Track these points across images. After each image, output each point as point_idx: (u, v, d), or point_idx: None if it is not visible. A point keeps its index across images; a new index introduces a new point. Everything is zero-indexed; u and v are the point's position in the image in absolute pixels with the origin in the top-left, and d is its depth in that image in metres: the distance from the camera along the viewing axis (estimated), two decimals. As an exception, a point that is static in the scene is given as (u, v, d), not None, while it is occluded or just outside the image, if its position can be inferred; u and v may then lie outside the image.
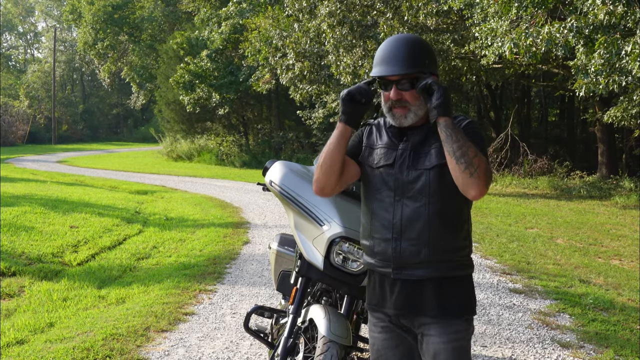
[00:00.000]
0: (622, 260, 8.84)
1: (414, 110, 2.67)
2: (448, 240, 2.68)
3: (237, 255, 8.96)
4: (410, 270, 2.69)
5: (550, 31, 9.33)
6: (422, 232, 2.65)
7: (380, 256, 2.76)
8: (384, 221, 2.74)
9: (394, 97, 2.66)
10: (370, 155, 2.84)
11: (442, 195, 2.66)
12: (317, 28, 17.05)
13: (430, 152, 2.67)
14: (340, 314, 3.50)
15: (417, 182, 2.67)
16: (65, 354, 4.82)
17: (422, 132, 2.73)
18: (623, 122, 13.45)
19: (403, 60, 2.63)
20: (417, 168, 2.68)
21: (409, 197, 2.68)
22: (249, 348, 5.15)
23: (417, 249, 2.66)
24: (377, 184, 2.77)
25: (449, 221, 2.69)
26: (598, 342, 5.38)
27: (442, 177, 2.64)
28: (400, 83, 2.65)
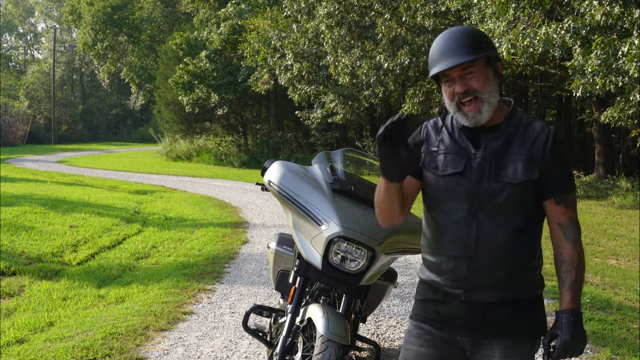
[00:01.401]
0: (619, 259, 8.87)
1: (486, 98, 2.40)
2: (525, 259, 2.47)
3: (235, 254, 8.98)
4: (484, 292, 2.45)
5: (548, 32, 9.35)
6: (500, 251, 2.40)
7: (449, 275, 2.50)
8: (456, 237, 2.46)
9: (461, 89, 2.39)
10: (432, 161, 2.55)
11: (525, 212, 2.43)
12: (315, 29, 17.08)
13: (516, 164, 2.40)
14: (338, 313, 3.50)
15: (498, 196, 2.40)
16: (65, 353, 4.84)
17: (501, 136, 2.46)
18: (620, 122, 13.45)
19: (463, 47, 2.39)
20: (499, 180, 2.40)
21: (487, 212, 2.41)
22: (247, 347, 5.17)
23: (493, 269, 2.42)
24: (444, 194, 2.49)
25: (527, 239, 2.46)
26: (595, 342, 5.40)
27: (527, 194, 2.41)
28: (464, 75, 2.39)
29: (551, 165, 2.41)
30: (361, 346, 4.60)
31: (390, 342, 5.39)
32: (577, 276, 2.41)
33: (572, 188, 2.47)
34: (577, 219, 2.48)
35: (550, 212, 2.46)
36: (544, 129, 2.45)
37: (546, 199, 2.44)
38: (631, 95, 10.10)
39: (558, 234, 2.46)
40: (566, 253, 2.43)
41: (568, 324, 2.36)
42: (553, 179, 2.42)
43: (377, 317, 6.03)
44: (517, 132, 2.45)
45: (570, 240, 2.44)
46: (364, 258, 3.44)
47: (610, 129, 17.96)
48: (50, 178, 21.19)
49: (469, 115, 2.41)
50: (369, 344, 4.21)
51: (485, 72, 2.42)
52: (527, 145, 2.42)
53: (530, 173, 2.38)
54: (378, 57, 14.90)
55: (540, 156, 2.40)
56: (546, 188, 2.42)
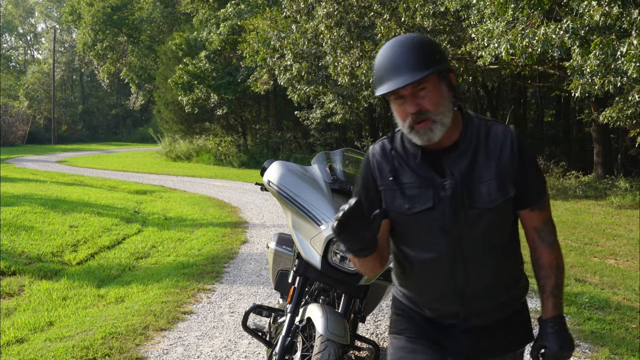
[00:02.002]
0: (617, 259, 8.88)
1: (440, 119, 2.16)
2: (515, 274, 2.39)
3: (235, 254, 8.99)
4: (478, 318, 2.35)
5: (546, 32, 9.37)
6: (493, 277, 2.30)
7: (438, 312, 2.38)
8: (441, 274, 2.29)
9: (414, 109, 2.14)
10: (395, 198, 2.30)
11: (507, 229, 2.32)
12: (314, 29, 17.09)
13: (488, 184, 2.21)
14: (337, 313, 3.51)
15: (478, 224, 2.22)
16: (65, 352, 4.85)
17: (463, 155, 2.24)
18: (618, 122, 13.46)
19: (412, 62, 2.14)
20: (474, 206, 2.21)
21: (470, 242, 2.24)
22: (247, 347, 5.18)
23: (488, 296, 2.32)
24: (418, 231, 2.29)
25: (512, 254, 2.36)
26: (594, 341, 5.41)
27: (505, 213, 2.26)
28: (415, 92, 2.16)
29: (523, 175, 2.25)
30: (360, 346, 4.61)
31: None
32: (557, 281, 2.32)
33: (545, 191, 2.33)
34: (551, 218, 2.36)
35: (524, 218, 2.33)
36: (505, 134, 2.26)
37: (522, 209, 2.30)
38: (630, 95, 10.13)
39: (534, 238, 2.35)
40: (544, 258, 2.33)
41: (554, 333, 2.29)
42: (528, 189, 2.27)
43: (376, 316, 6.05)
44: (480, 146, 2.25)
45: (547, 244, 2.33)
46: (363, 258, 3.44)
47: (608, 129, 17.97)
48: (50, 178, 21.20)
49: (420, 132, 2.17)
50: (368, 344, 4.21)
51: (439, 87, 2.18)
52: (494, 159, 2.23)
53: (506, 191, 2.22)
54: (377, 58, 14.90)
55: (510, 168, 2.22)
56: (522, 200, 2.27)
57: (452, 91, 2.25)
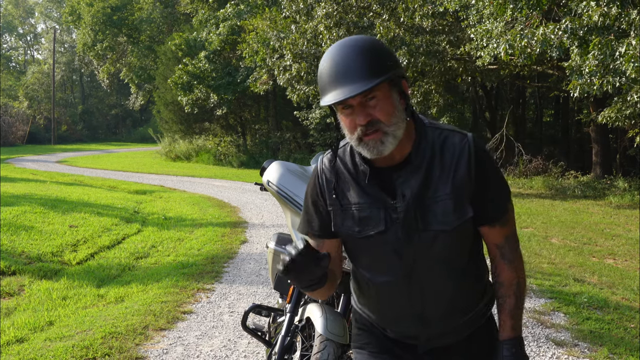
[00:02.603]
0: (616, 259, 8.90)
1: (392, 131, 1.97)
2: (478, 292, 2.25)
3: (234, 254, 9.00)
4: (440, 339, 2.23)
5: (545, 32, 9.39)
6: (451, 300, 2.16)
7: (399, 333, 2.26)
8: (397, 297, 2.17)
9: (363, 121, 1.95)
10: (345, 219, 2.15)
11: (466, 249, 2.15)
12: (314, 29, 17.09)
13: (444, 204, 2.04)
14: (337, 312, 3.51)
15: (432, 248, 2.06)
16: (65, 352, 4.86)
17: (416, 172, 2.06)
18: (617, 122, 13.48)
19: (362, 69, 1.93)
20: (430, 229, 2.05)
21: (425, 265, 2.10)
22: (246, 346, 5.19)
23: (447, 318, 2.19)
24: (371, 254, 2.15)
25: (474, 272, 2.21)
26: (592, 341, 5.42)
27: (464, 234, 2.10)
28: (365, 102, 1.96)
29: (482, 190, 2.07)
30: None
31: (388, 341, 5.41)
32: (516, 302, 2.16)
33: (508, 206, 2.15)
34: (514, 233, 2.20)
35: (485, 234, 2.17)
36: (463, 145, 2.06)
37: (482, 225, 2.14)
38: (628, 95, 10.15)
39: (494, 254, 2.19)
40: (503, 276, 2.17)
41: (510, 356, 2.13)
42: (487, 206, 2.09)
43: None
44: (434, 159, 2.05)
45: (507, 261, 2.17)
46: (362, 257, 3.45)
47: (607, 129, 17.99)
48: (50, 178, 21.20)
49: (369, 145, 1.98)
50: (367, 343, 4.23)
51: (390, 96, 1.99)
52: (450, 173, 2.04)
53: (463, 212, 2.04)
54: (377, 58, 14.92)
55: (468, 183, 2.04)
56: (481, 217, 2.10)
57: (404, 100, 2.05)
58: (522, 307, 2.19)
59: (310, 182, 2.27)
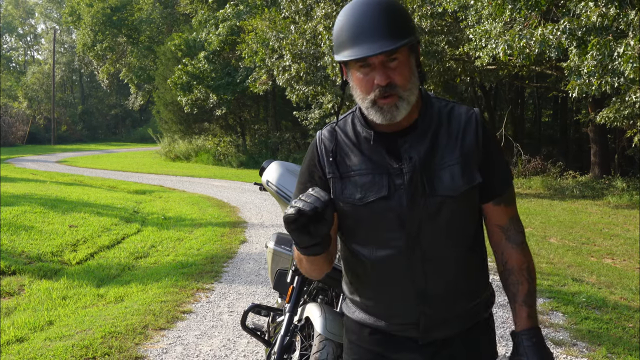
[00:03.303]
0: (614, 259, 8.91)
1: (407, 96, 1.89)
2: (479, 274, 2.09)
3: (234, 254, 9.02)
4: (443, 328, 2.03)
5: (544, 33, 9.40)
6: (456, 280, 1.99)
7: (397, 319, 2.04)
8: (397, 274, 1.98)
9: (384, 82, 1.85)
10: (345, 187, 2.01)
11: (473, 224, 2.03)
12: (313, 30, 17.12)
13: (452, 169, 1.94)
14: (336, 312, 3.51)
15: (438, 216, 1.93)
16: (65, 351, 4.88)
17: (422, 138, 1.97)
18: (615, 122, 13.50)
19: (387, 28, 1.83)
20: (437, 194, 1.92)
21: (430, 235, 1.94)
22: (246, 346, 5.21)
23: (452, 302, 2.00)
24: (371, 224, 1.98)
25: (479, 254, 2.06)
26: (591, 340, 5.44)
27: (471, 203, 1.99)
28: (386, 62, 1.86)
29: (488, 159, 1.99)
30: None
31: (387, 340, 5.43)
32: (529, 287, 2.01)
33: (511, 183, 2.07)
34: (517, 216, 2.08)
35: (489, 214, 2.05)
36: (469, 115, 2.01)
37: (486, 201, 2.03)
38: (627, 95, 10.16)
39: (499, 238, 2.05)
40: (513, 261, 2.03)
41: (532, 347, 1.96)
42: (492, 177, 2.00)
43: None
44: (441, 128, 1.99)
45: (515, 244, 2.04)
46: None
47: (606, 129, 18.01)
48: (50, 178, 21.21)
49: (384, 109, 1.88)
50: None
51: (409, 61, 1.91)
52: (457, 141, 1.97)
53: (471, 177, 1.95)
54: (376, 58, 14.95)
55: (475, 151, 1.97)
56: (486, 189, 2.00)
57: (419, 67, 1.98)
58: (535, 294, 2.04)
59: (307, 154, 2.15)
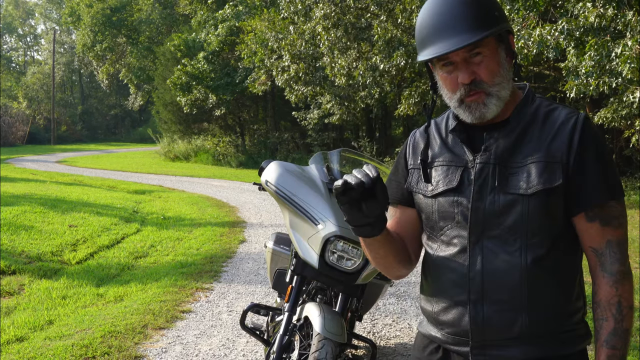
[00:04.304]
0: (612, 259, 8.93)
1: (495, 92, 1.75)
2: (555, 302, 1.79)
3: (233, 253, 9.04)
4: (499, 349, 1.79)
5: (542, 33, 9.41)
6: (517, 292, 1.74)
7: (450, 328, 1.85)
8: (455, 275, 1.82)
9: (467, 80, 1.73)
10: (421, 179, 1.92)
11: (548, 234, 1.75)
12: (312, 30, 17.12)
13: (529, 167, 1.74)
14: (334, 311, 3.55)
15: (508, 215, 1.74)
16: (64, 351, 4.89)
17: (510, 133, 1.80)
18: (613, 123, 13.50)
19: (467, 20, 1.70)
20: (507, 192, 1.74)
21: (494, 238, 1.76)
22: (245, 345, 5.23)
23: (509, 316, 1.76)
24: (438, 219, 1.86)
25: (555, 274, 1.78)
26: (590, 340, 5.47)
27: (548, 209, 1.73)
28: (468, 58, 1.74)
29: (580, 166, 1.73)
30: (357, 344, 4.65)
31: (386, 340, 5.45)
32: (615, 325, 1.73)
33: (612, 196, 1.74)
34: (620, 241, 1.76)
35: (582, 232, 1.78)
36: (570, 116, 1.77)
37: (575, 214, 1.76)
38: (624, 96, 10.16)
39: (593, 265, 1.78)
40: (601, 293, 1.76)
41: None
42: (583, 185, 1.74)
43: (373, 315, 6.09)
44: (533, 126, 1.79)
45: (608, 274, 1.75)
46: (360, 257, 3.47)
47: (603, 129, 18.00)
48: (49, 178, 21.21)
49: (471, 107, 1.77)
50: (365, 342, 4.26)
51: (497, 53, 1.76)
52: (546, 141, 1.76)
53: (550, 178, 1.72)
54: (374, 59, 14.95)
55: (565, 154, 1.73)
56: (574, 198, 1.75)
57: (510, 57, 1.82)
58: (625, 337, 1.74)
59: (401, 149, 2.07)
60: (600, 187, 1.73)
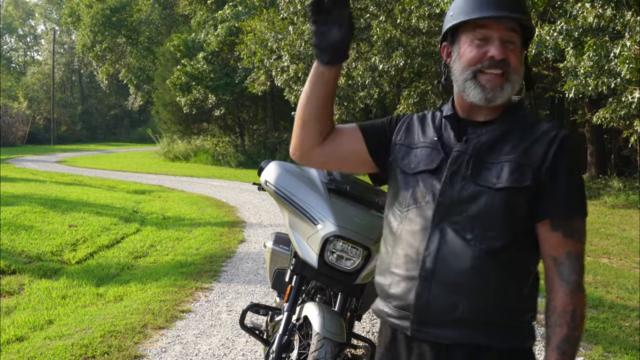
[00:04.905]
0: (610, 258, 8.95)
1: (514, 80, 1.83)
2: (503, 295, 1.81)
3: (232, 253, 9.04)
4: (437, 328, 1.84)
5: (541, 34, 9.43)
6: (465, 278, 1.79)
7: (397, 301, 1.91)
8: (412, 250, 1.87)
9: (500, 55, 1.79)
10: (407, 156, 1.99)
11: (505, 230, 1.80)
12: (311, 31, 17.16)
13: (502, 165, 1.82)
14: (334, 311, 3.54)
15: (472, 203, 1.81)
16: (64, 350, 4.89)
17: (492, 131, 1.88)
18: (612, 123, 13.55)
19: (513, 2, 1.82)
20: (477, 182, 1.82)
21: (455, 223, 1.82)
22: (244, 345, 5.23)
23: (453, 299, 1.80)
24: (410, 196, 1.92)
25: (507, 268, 1.81)
26: (587, 339, 5.48)
27: (510, 205, 1.79)
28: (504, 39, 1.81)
29: (553, 176, 1.80)
30: (356, 344, 4.65)
31: (384, 339, 5.45)
32: (568, 333, 1.78)
33: (578, 212, 1.84)
34: (579, 255, 1.83)
35: (543, 240, 1.84)
36: (553, 129, 1.86)
37: (540, 220, 1.82)
38: (623, 96, 10.19)
39: (551, 273, 1.82)
40: (557, 300, 1.80)
41: None
42: (553, 194, 1.81)
43: (373, 315, 6.09)
44: (515, 129, 1.88)
45: (565, 283, 1.79)
46: (360, 257, 3.46)
47: (602, 129, 18.05)
48: (49, 178, 21.20)
49: (486, 88, 1.81)
50: (364, 342, 4.25)
51: (521, 52, 1.87)
52: (524, 144, 1.83)
53: (520, 178, 1.79)
54: (373, 59, 14.99)
55: (539, 161, 1.80)
56: (542, 205, 1.81)
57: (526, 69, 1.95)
58: (574, 344, 1.79)
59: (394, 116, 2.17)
60: (569, 200, 1.82)
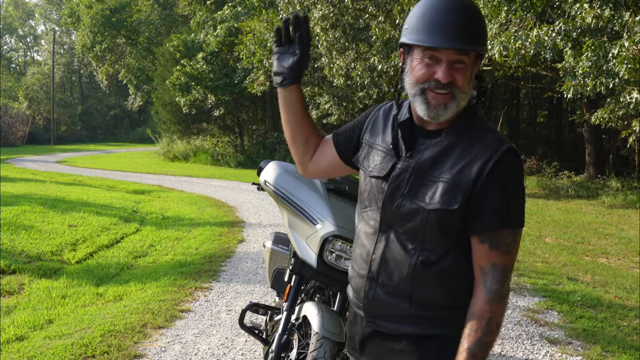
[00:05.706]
0: (609, 258, 8.97)
1: (460, 98, 1.90)
2: (436, 298, 1.98)
3: (232, 253, 9.04)
4: (386, 322, 2.05)
5: (539, 34, 9.46)
6: (403, 283, 1.97)
7: (354, 293, 2.16)
8: (364, 251, 2.09)
9: (445, 79, 1.86)
10: (367, 157, 2.14)
11: (439, 245, 1.95)
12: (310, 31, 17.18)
13: (437, 185, 1.91)
14: (333, 311, 3.55)
15: (409, 220, 1.95)
16: (64, 350, 4.89)
17: (436, 144, 1.96)
18: (610, 123, 13.58)
19: (465, 29, 1.86)
20: (413, 201, 1.94)
21: (397, 233, 1.99)
22: (243, 344, 5.24)
23: (394, 300, 2.00)
24: (367, 198, 2.10)
25: (440, 277, 1.96)
26: (585, 339, 5.49)
27: (442, 224, 1.91)
28: (454, 61, 1.88)
29: (484, 192, 1.87)
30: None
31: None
32: (479, 339, 1.87)
33: (507, 224, 1.89)
34: (505, 267, 1.91)
35: (474, 250, 1.93)
36: (493, 146, 1.90)
37: (470, 234, 1.93)
38: (621, 96, 10.21)
39: (477, 280, 1.93)
40: (477, 306, 1.90)
41: None
42: (481, 210, 1.89)
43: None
44: (458, 145, 1.93)
45: (486, 292, 1.89)
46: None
47: (600, 129, 18.08)
48: (49, 178, 21.20)
49: (431, 105, 1.90)
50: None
51: (472, 69, 1.92)
52: (461, 164, 1.90)
53: (450, 201, 1.88)
54: (372, 59, 15.00)
55: (470, 183, 1.87)
56: (471, 222, 1.91)
57: (478, 81, 2.02)
58: (486, 350, 1.89)
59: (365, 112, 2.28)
60: (496, 214, 1.88)
